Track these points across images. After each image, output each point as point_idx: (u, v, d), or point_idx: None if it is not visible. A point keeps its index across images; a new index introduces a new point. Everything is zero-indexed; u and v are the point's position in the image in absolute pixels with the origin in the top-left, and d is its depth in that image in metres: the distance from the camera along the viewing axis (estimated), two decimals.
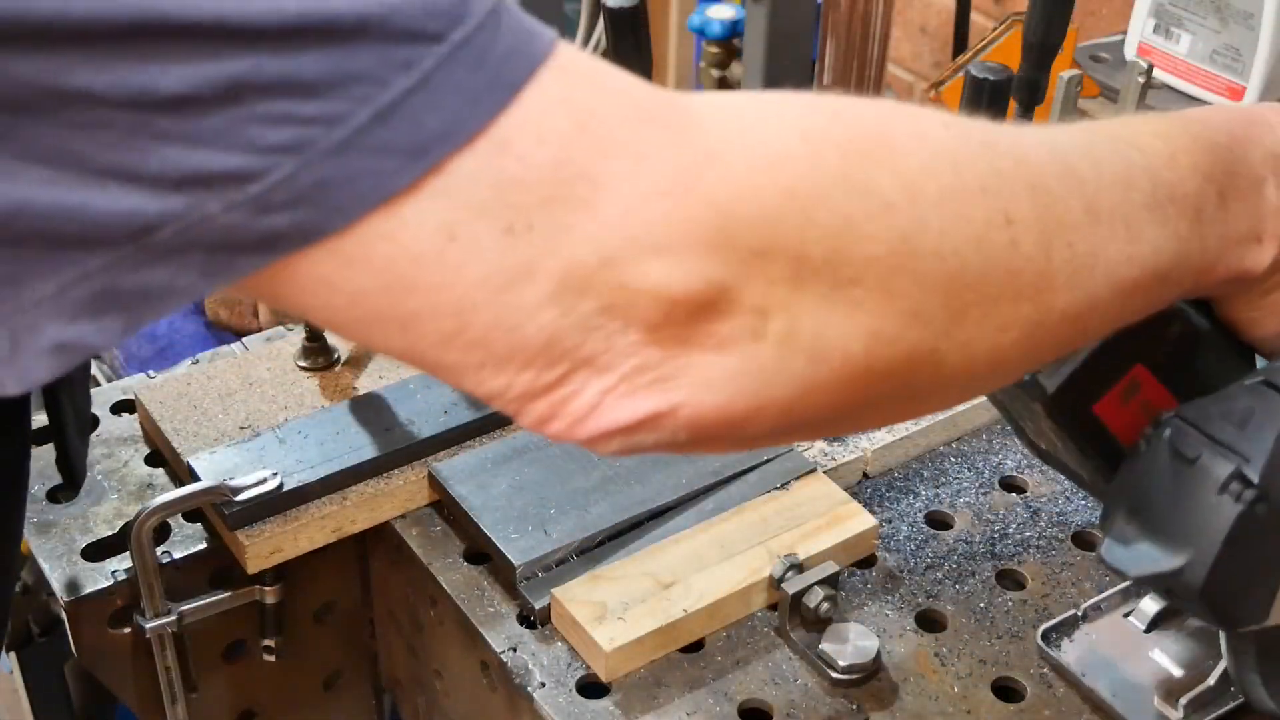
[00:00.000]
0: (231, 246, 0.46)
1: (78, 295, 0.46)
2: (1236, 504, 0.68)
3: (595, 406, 0.50)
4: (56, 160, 0.43)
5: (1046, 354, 0.61)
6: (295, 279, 0.47)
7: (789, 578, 0.92)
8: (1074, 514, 1.02)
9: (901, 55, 2.12)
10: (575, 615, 0.90)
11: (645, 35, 1.16)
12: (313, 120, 0.44)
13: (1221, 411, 0.71)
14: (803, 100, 0.53)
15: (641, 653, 0.90)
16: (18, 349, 0.47)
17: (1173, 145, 0.62)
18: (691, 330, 0.49)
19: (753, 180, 0.49)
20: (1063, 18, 1.23)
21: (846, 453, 1.04)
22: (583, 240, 0.47)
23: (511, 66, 0.47)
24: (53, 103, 0.43)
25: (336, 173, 0.45)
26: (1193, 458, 0.70)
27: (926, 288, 0.52)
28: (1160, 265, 0.60)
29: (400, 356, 0.51)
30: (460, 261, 0.47)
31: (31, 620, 1.05)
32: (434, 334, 0.49)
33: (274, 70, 0.44)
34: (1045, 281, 0.55)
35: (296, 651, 1.08)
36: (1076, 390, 0.73)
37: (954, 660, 0.91)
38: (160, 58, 0.43)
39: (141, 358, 1.45)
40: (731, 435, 0.53)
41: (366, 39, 0.44)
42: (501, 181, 0.46)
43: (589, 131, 0.48)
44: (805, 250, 0.49)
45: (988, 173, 0.54)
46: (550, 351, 0.49)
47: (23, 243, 0.44)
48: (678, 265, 0.48)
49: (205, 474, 0.99)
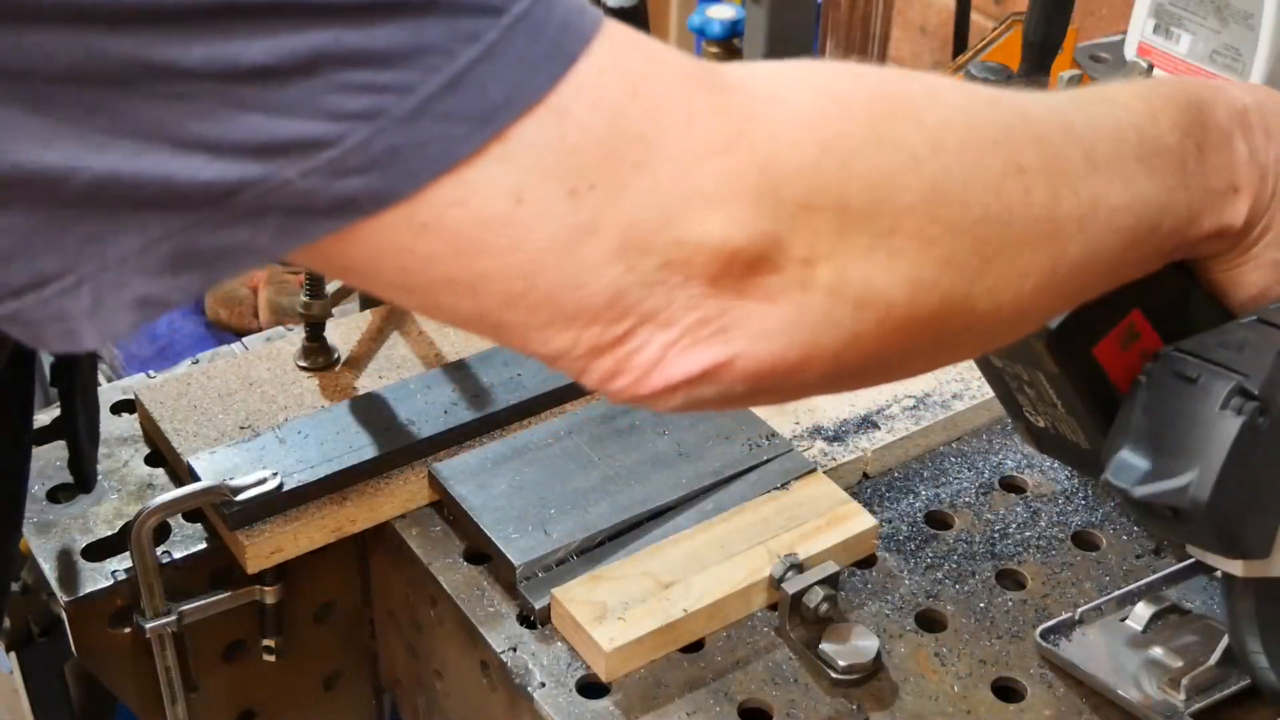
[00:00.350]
0: (308, 210, 0.47)
1: (160, 253, 0.48)
2: (1239, 417, 0.71)
3: (659, 361, 0.53)
4: (144, 132, 0.45)
5: (1060, 303, 0.65)
6: (367, 244, 0.49)
7: (789, 578, 0.92)
8: (1074, 514, 1.02)
9: (901, 55, 2.12)
10: (575, 615, 0.90)
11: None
12: (386, 89, 0.46)
13: (1219, 341, 0.75)
14: (828, 66, 0.57)
15: (641, 653, 0.90)
16: (101, 304, 0.48)
17: (1152, 105, 0.65)
18: (746, 283, 0.52)
19: (793, 137, 0.52)
20: (1063, 18, 1.23)
21: (846, 453, 1.04)
22: (641, 198, 0.50)
23: (568, 38, 0.49)
24: (143, 77, 0.44)
25: (409, 139, 0.47)
26: (1194, 377, 0.73)
27: (957, 234, 0.55)
28: (1152, 215, 0.63)
29: (465, 321, 0.53)
30: (527, 223, 0.49)
31: (31, 620, 1.05)
32: (502, 294, 0.51)
33: (352, 42, 0.46)
34: (1056, 229, 0.58)
35: (296, 651, 1.08)
36: (1078, 329, 0.75)
37: (954, 660, 0.91)
38: (246, 32, 0.45)
39: (141, 358, 1.45)
40: (785, 384, 0.55)
41: (436, 11, 0.47)
42: (563, 147, 0.49)
43: (641, 97, 0.50)
44: (846, 202, 0.52)
45: (998, 125, 0.57)
46: (615, 307, 0.51)
47: (110, 207, 0.46)
48: (731, 219, 0.51)
49: (205, 474, 0.99)
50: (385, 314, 1.17)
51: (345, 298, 1.15)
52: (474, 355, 1.12)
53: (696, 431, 1.05)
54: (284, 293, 1.45)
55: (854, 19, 1.45)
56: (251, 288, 1.47)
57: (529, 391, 1.08)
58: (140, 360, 1.45)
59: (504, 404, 1.07)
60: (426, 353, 1.12)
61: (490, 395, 1.07)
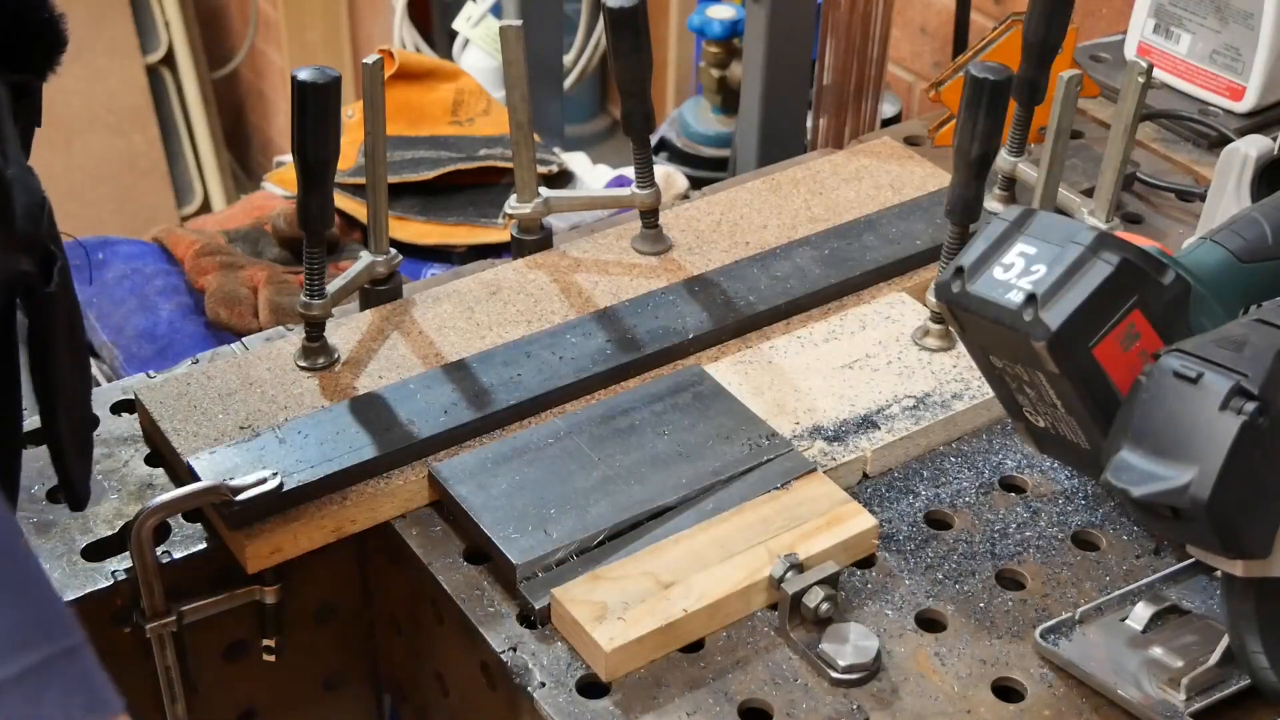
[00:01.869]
0: None
1: None
2: (1239, 416, 0.72)
3: None
4: None
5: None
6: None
7: (789, 578, 0.92)
8: (1074, 514, 1.02)
9: (901, 55, 2.12)
10: (575, 615, 0.90)
11: (645, 35, 1.16)
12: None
13: (1218, 341, 0.75)
14: None
15: (641, 652, 0.90)
16: None
17: None
18: None
19: None
20: (1063, 18, 1.23)
21: (846, 453, 1.04)
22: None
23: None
24: None
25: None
26: (1194, 377, 0.73)
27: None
28: None
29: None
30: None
31: None
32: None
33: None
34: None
35: (296, 651, 1.08)
36: (1078, 329, 0.75)
37: (954, 660, 0.91)
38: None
39: (141, 358, 1.45)
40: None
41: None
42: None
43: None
44: None
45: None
46: None
47: None
48: None
49: (205, 474, 0.99)
50: (385, 314, 1.17)
51: (345, 298, 1.15)
52: (474, 355, 1.12)
53: (696, 432, 1.05)
54: (284, 293, 1.44)
55: (854, 19, 1.45)
56: (251, 288, 1.47)
57: (529, 391, 1.08)
58: (140, 360, 1.45)
59: (504, 404, 1.07)
60: (426, 353, 1.12)
61: (490, 395, 1.07)
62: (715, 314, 1.16)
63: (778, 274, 1.20)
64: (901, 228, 1.26)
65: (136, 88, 3.37)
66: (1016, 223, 0.85)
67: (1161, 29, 1.52)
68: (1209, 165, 1.34)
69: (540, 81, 1.81)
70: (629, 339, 1.14)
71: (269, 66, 3.55)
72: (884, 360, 1.12)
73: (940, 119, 1.43)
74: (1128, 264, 0.80)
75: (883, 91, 1.53)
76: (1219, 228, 0.93)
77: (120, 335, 1.49)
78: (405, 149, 1.64)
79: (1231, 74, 1.47)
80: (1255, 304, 0.89)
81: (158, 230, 1.63)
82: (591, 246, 1.25)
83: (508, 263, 1.24)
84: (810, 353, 1.13)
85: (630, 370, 1.12)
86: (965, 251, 0.86)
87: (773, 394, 1.09)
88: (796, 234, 1.26)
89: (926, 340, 1.14)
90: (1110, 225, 1.17)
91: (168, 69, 3.44)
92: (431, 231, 1.58)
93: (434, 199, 1.61)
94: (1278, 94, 1.47)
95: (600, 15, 1.86)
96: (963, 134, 1.06)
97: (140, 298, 1.52)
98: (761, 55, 1.57)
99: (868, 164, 1.37)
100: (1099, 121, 1.48)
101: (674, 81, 2.60)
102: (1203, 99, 1.50)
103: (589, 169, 1.72)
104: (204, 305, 1.48)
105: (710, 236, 1.26)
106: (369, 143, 1.12)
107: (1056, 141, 1.14)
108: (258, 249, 1.59)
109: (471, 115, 1.71)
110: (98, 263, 1.58)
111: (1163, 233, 1.33)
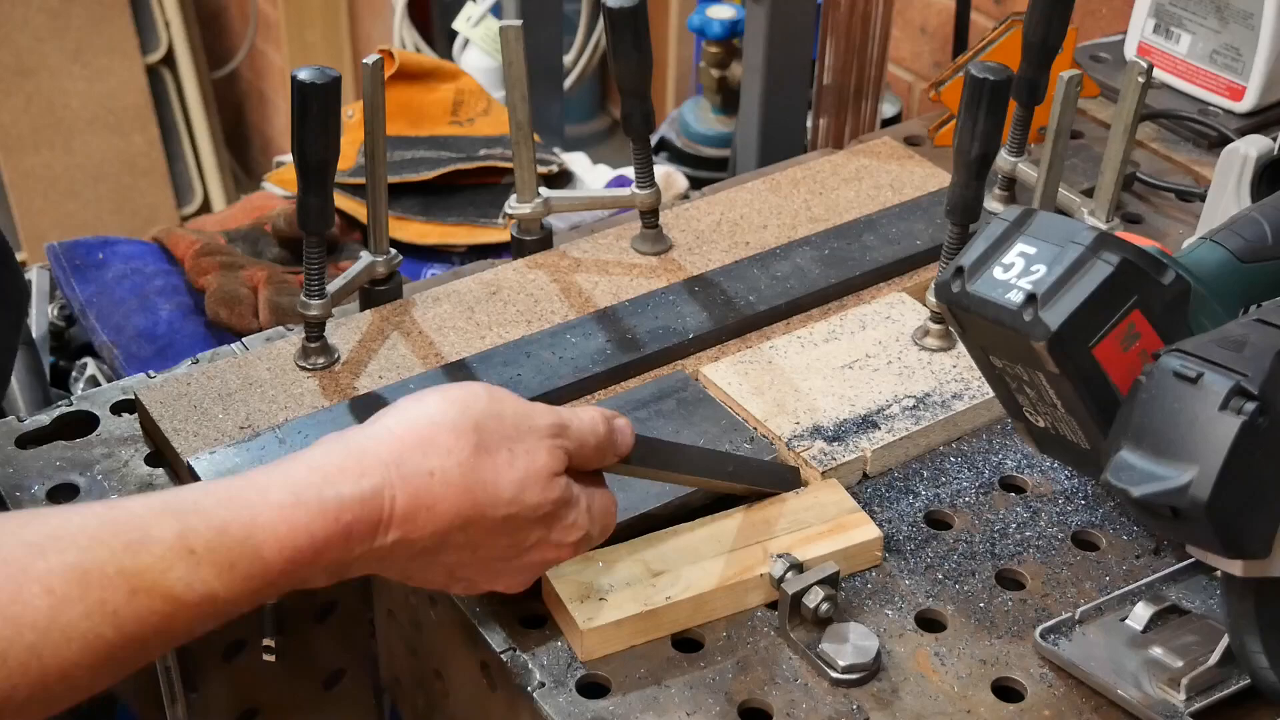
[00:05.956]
0: None
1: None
2: (1239, 416, 0.72)
3: None
4: None
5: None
6: None
7: (789, 577, 0.92)
8: (1074, 514, 1.02)
9: (901, 55, 2.12)
10: (559, 591, 0.91)
11: (645, 35, 1.16)
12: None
13: (1218, 341, 0.75)
14: None
15: (620, 637, 0.90)
16: None
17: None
18: None
19: None
20: (1063, 18, 1.23)
21: (846, 453, 1.04)
22: None
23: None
24: None
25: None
26: (1194, 377, 0.73)
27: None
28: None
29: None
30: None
31: None
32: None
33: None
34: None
35: (296, 651, 1.08)
36: (1078, 329, 0.75)
37: (954, 660, 0.91)
38: None
39: (141, 358, 1.45)
40: None
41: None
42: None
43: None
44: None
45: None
46: None
47: None
48: None
49: (205, 474, 0.99)
50: (385, 314, 1.17)
51: (345, 298, 1.15)
52: (474, 355, 1.12)
53: (681, 438, 1.05)
54: (284, 293, 1.44)
55: (854, 19, 1.45)
56: (251, 288, 1.47)
57: (529, 391, 1.08)
58: (140, 360, 1.45)
59: None
60: (426, 353, 1.12)
61: None
62: (715, 314, 1.16)
63: (778, 274, 1.21)
64: (901, 228, 1.26)
65: (136, 88, 3.37)
66: (1016, 223, 0.85)
67: (1161, 29, 1.52)
68: (1209, 165, 1.34)
69: (540, 81, 1.81)
70: (629, 339, 1.14)
71: (269, 66, 3.56)
72: (884, 360, 1.12)
73: (940, 119, 1.43)
74: (1128, 264, 0.80)
75: (883, 91, 1.53)
76: (1219, 228, 0.93)
77: (120, 335, 1.49)
78: (405, 149, 1.64)
79: (1231, 74, 1.47)
80: (1255, 304, 0.89)
81: (158, 230, 1.64)
82: (591, 246, 1.25)
83: (508, 263, 1.24)
84: (810, 353, 1.13)
85: (630, 370, 1.12)
86: (965, 251, 0.86)
87: (773, 394, 1.09)
88: (796, 234, 1.26)
89: (926, 340, 1.14)
90: (1110, 225, 1.17)
91: (168, 69, 3.44)
92: (431, 231, 1.58)
93: (434, 199, 1.61)
94: (1278, 94, 1.47)
95: (600, 15, 1.86)
96: (963, 134, 1.06)
97: (140, 298, 1.52)
98: (761, 55, 1.57)
99: (868, 164, 1.37)
100: (1099, 121, 1.48)
101: (674, 81, 2.60)
102: (1203, 99, 1.50)
103: (589, 169, 1.73)
104: (204, 305, 1.48)
105: (710, 236, 1.26)
106: (369, 143, 1.12)
107: (1056, 141, 1.14)
108: (258, 249, 1.59)
109: (471, 115, 1.71)
110: (98, 263, 1.58)
111: (1163, 233, 1.33)
